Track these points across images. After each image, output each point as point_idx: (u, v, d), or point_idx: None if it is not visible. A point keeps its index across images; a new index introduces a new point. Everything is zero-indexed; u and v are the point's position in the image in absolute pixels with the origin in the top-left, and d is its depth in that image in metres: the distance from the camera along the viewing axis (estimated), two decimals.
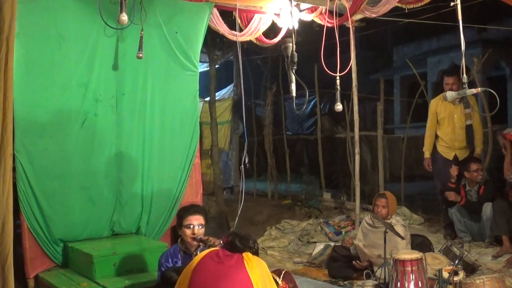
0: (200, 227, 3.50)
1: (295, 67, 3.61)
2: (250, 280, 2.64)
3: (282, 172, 10.08)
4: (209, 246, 3.35)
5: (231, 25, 5.34)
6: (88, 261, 4.03)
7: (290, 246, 6.11)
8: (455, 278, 3.72)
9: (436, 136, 6.12)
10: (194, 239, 3.46)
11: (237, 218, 3.44)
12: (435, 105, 6.10)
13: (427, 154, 6.18)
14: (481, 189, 5.61)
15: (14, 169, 3.14)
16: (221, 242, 2.93)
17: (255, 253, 2.85)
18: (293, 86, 3.68)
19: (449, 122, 5.97)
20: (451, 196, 5.64)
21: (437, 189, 5.98)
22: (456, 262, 3.97)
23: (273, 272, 3.49)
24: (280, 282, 3.49)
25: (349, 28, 5.69)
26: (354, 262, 4.59)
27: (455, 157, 5.98)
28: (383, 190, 6.19)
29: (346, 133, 8.57)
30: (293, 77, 3.64)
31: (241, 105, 4.94)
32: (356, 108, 6.40)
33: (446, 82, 5.90)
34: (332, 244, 5.50)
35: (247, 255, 2.75)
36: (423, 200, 7.61)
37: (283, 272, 3.62)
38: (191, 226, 3.47)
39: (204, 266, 2.72)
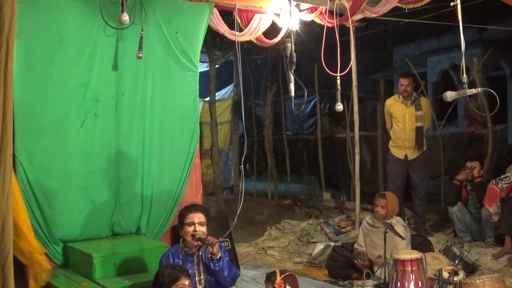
0: (201, 225, 3.49)
1: (293, 67, 3.61)
2: None
3: (282, 172, 10.07)
4: (207, 246, 3.34)
5: (231, 25, 5.33)
6: (88, 261, 4.02)
7: (290, 246, 6.11)
8: (455, 278, 3.72)
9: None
10: (193, 236, 3.43)
11: (235, 218, 3.44)
12: (389, 106, 6.28)
13: None
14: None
15: (14, 169, 3.14)
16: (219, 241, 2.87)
17: None
18: (292, 86, 3.68)
19: (401, 123, 6.13)
20: (461, 175, 5.77)
21: (388, 189, 6.10)
22: (456, 262, 3.97)
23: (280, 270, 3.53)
24: (278, 279, 3.39)
25: (349, 28, 5.69)
26: (355, 261, 4.60)
27: (406, 156, 6.10)
28: (383, 190, 6.19)
29: (346, 133, 8.57)
30: (292, 77, 3.63)
31: (241, 105, 4.93)
32: (356, 108, 6.40)
33: (401, 83, 6.12)
34: (332, 244, 5.51)
35: None
36: None
37: (287, 273, 3.47)
38: (192, 224, 3.46)
39: None
